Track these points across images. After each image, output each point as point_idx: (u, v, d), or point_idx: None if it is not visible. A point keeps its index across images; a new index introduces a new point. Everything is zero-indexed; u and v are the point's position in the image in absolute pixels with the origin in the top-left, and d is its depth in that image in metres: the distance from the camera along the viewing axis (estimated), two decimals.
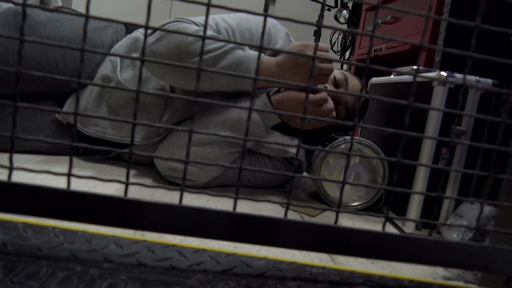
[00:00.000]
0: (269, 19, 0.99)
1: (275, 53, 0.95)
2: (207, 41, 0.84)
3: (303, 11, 3.15)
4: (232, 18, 0.94)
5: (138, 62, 1.00)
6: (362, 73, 0.44)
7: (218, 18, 0.93)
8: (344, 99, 1.00)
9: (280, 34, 0.97)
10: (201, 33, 0.84)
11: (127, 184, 0.45)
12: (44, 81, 0.98)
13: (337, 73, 1.01)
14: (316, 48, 0.44)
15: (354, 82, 1.03)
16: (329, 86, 1.00)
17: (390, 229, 0.85)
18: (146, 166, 1.05)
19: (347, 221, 0.86)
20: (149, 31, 0.88)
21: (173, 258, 0.49)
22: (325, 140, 1.01)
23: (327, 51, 0.87)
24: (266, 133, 0.92)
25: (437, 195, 0.49)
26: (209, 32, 0.86)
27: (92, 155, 1.07)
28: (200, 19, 0.90)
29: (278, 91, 0.93)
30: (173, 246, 0.53)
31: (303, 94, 0.89)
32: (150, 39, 0.85)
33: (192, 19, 0.88)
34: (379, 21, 1.62)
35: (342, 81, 1.00)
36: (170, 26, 0.85)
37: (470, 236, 0.72)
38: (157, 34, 0.84)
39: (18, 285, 0.38)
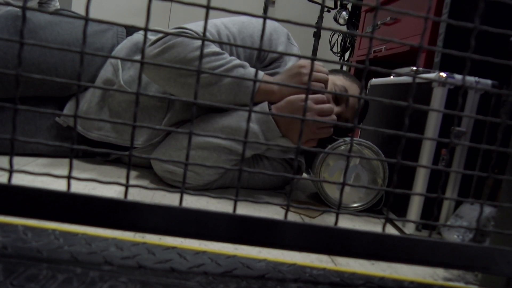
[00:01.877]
0: (270, 23, 0.99)
1: (273, 71, 0.95)
2: (209, 59, 0.84)
3: (303, 13, 3.15)
4: (234, 24, 0.93)
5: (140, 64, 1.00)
6: (362, 74, 0.45)
7: (220, 24, 0.92)
8: (344, 115, 1.00)
9: (281, 39, 0.97)
10: (204, 47, 0.84)
11: (127, 186, 0.45)
12: (44, 85, 0.98)
13: (338, 85, 1.00)
14: (312, 69, 0.44)
15: (355, 93, 1.03)
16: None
17: (390, 230, 0.85)
18: (146, 168, 1.05)
19: (347, 222, 0.86)
20: (152, 39, 0.87)
21: (173, 260, 0.49)
22: (325, 141, 1.01)
23: (327, 74, 0.89)
24: (266, 146, 0.92)
25: (437, 196, 0.49)
26: (212, 48, 0.86)
27: (92, 157, 1.07)
28: (202, 26, 0.89)
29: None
30: (173, 248, 0.53)
31: (302, 106, 0.89)
32: (152, 50, 0.84)
33: (194, 28, 0.87)
34: (379, 22, 1.62)
35: (343, 97, 1.00)
36: (173, 38, 0.83)
37: (470, 237, 0.72)
38: (159, 45, 0.84)
39: None
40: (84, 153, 1.07)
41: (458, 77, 0.80)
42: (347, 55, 2.48)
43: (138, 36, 1.05)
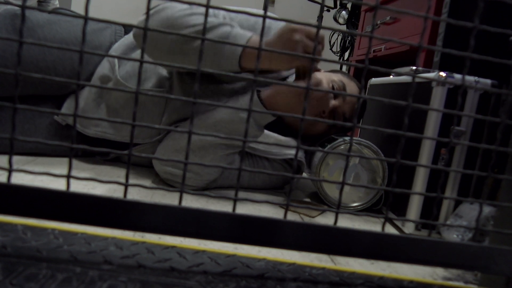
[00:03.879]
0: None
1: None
2: (195, 17, 0.82)
3: (302, 12, 3.15)
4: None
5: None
6: (361, 73, 0.45)
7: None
8: (341, 109, 0.99)
9: (280, 25, 0.96)
10: (191, 10, 0.83)
11: (126, 185, 0.45)
12: (42, 83, 0.98)
13: (335, 81, 0.99)
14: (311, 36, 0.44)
15: (352, 90, 1.02)
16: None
17: (390, 229, 0.85)
18: (145, 167, 1.05)
19: (346, 222, 0.86)
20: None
21: (172, 260, 0.49)
22: (325, 140, 1.01)
23: (322, 38, 0.83)
24: (259, 132, 0.90)
25: (436, 196, 0.49)
26: (200, 9, 0.85)
27: (91, 157, 1.07)
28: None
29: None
30: (173, 247, 0.53)
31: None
32: (141, 18, 0.86)
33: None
34: (378, 22, 1.62)
35: (341, 90, 0.99)
36: (161, 5, 0.85)
37: (470, 236, 0.72)
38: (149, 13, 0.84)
39: (17, 287, 0.38)
40: (83, 152, 1.07)
41: (458, 76, 0.79)
42: (346, 54, 2.48)
43: None
